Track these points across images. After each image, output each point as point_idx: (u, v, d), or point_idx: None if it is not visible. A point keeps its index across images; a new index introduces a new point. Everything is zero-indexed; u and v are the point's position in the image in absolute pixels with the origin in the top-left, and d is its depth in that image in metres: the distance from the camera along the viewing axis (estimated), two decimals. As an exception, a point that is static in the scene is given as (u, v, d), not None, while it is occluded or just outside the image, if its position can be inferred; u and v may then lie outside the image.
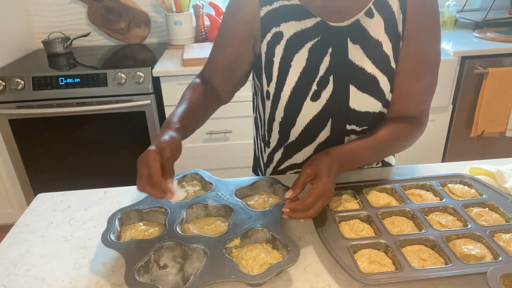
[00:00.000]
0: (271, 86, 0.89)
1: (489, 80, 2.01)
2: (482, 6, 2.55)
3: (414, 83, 0.86)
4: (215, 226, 0.77)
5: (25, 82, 1.89)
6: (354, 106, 0.86)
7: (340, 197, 0.84)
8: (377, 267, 0.66)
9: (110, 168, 2.11)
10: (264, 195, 0.86)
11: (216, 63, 0.95)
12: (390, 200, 0.82)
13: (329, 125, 0.89)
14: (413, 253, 0.68)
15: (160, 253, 0.69)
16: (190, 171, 0.92)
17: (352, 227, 0.75)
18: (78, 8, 2.39)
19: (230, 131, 2.08)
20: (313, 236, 0.77)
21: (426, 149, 2.21)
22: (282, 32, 0.85)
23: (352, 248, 0.69)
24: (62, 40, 2.30)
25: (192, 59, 1.94)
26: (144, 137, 2.04)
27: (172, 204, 0.79)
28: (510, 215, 0.76)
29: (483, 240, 0.70)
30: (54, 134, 2.01)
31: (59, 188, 0.99)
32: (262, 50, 0.88)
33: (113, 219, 0.76)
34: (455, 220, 0.76)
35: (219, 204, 0.81)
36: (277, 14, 0.86)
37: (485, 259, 0.66)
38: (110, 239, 0.71)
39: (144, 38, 2.45)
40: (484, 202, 0.80)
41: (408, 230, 0.74)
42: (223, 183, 0.88)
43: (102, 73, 1.92)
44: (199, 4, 2.31)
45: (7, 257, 0.75)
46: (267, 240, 0.73)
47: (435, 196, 0.84)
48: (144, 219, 0.80)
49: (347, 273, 0.63)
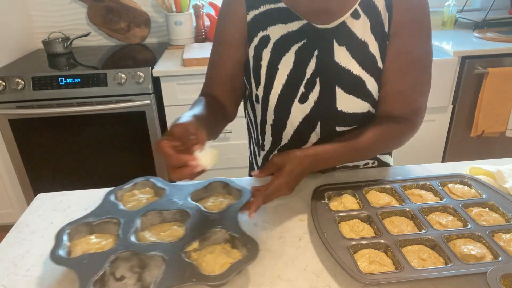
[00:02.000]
0: (260, 90, 0.89)
1: (489, 80, 2.01)
2: (482, 6, 2.55)
3: (402, 81, 0.85)
4: (172, 231, 0.75)
5: (25, 82, 1.89)
6: (341, 108, 0.86)
7: (340, 197, 0.84)
8: (377, 267, 0.65)
9: (110, 168, 2.11)
10: (219, 196, 0.85)
11: (215, 76, 0.95)
12: (390, 200, 0.82)
13: (319, 127, 0.89)
14: (413, 253, 0.68)
15: (116, 265, 0.67)
16: (141, 178, 0.89)
17: (352, 227, 0.75)
18: (78, 8, 2.39)
19: (230, 131, 2.08)
20: (313, 236, 0.77)
21: (426, 149, 2.21)
22: (269, 35, 0.86)
23: (352, 248, 0.69)
24: (62, 40, 2.30)
25: (192, 59, 1.94)
26: (144, 137, 2.04)
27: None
28: (510, 215, 0.76)
29: (483, 240, 0.70)
30: (54, 134, 2.01)
31: (59, 188, 0.99)
32: (250, 54, 0.89)
33: (61, 235, 0.72)
34: (455, 220, 0.76)
35: (174, 209, 0.79)
36: (263, 18, 0.86)
37: (485, 259, 0.66)
38: (59, 256, 0.67)
39: (144, 38, 2.46)
40: (484, 202, 0.80)
41: (408, 230, 0.74)
42: (177, 187, 0.85)
43: (102, 73, 1.92)
44: (199, 4, 2.31)
45: (7, 257, 0.75)
46: (226, 240, 0.72)
47: (435, 196, 0.84)
48: (95, 231, 0.76)
49: (347, 273, 0.63)
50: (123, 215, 0.77)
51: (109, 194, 0.84)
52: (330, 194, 0.84)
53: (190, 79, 1.96)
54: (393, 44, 0.83)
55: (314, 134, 0.90)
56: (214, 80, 0.95)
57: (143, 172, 2.12)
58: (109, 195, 0.83)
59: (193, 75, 1.95)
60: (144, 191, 0.87)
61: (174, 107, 2.01)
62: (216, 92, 0.95)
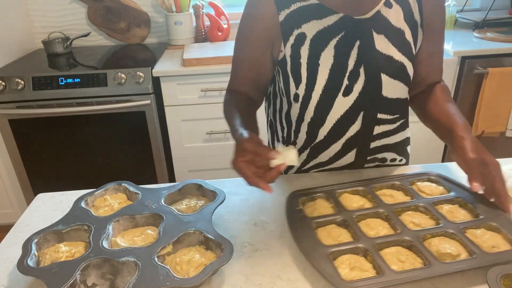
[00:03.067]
0: (301, 88, 0.89)
1: (489, 80, 2.01)
2: (482, 6, 2.54)
3: (434, 46, 0.92)
4: (145, 236, 0.74)
5: (25, 82, 1.89)
6: (386, 94, 0.89)
7: (313, 202, 0.83)
8: (358, 273, 0.65)
9: (110, 168, 2.11)
10: (193, 198, 0.85)
11: (241, 78, 0.97)
12: (363, 202, 0.82)
13: (360, 117, 0.90)
14: (392, 255, 0.68)
15: (87, 272, 0.66)
16: (113, 183, 0.88)
17: (329, 233, 0.74)
18: (78, 8, 2.39)
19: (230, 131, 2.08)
20: (292, 244, 0.75)
21: (426, 149, 2.21)
22: (304, 33, 0.86)
23: (332, 255, 0.68)
24: (62, 40, 2.30)
25: (192, 59, 1.94)
26: (144, 137, 2.04)
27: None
28: (478, 211, 0.77)
29: (456, 237, 0.71)
30: (54, 134, 2.01)
31: (59, 188, 0.99)
32: (287, 53, 0.88)
33: (28, 244, 0.70)
34: (427, 218, 0.77)
35: (147, 213, 0.78)
36: (296, 16, 0.86)
37: (460, 257, 0.67)
38: (28, 266, 0.65)
39: (144, 38, 2.46)
40: (452, 199, 0.81)
41: (384, 232, 0.74)
42: (150, 191, 0.85)
43: (102, 73, 1.92)
44: (199, 4, 2.31)
45: (7, 257, 0.75)
46: (200, 242, 0.72)
47: (406, 195, 0.85)
48: (65, 239, 0.74)
49: (329, 282, 0.63)
50: (94, 222, 0.75)
51: (79, 200, 0.82)
52: (303, 200, 0.84)
53: (190, 79, 1.96)
54: (427, 31, 0.89)
55: (353, 127, 0.91)
56: (242, 79, 0.97)
57: (143, 172, 2.13)
58: (79, 201, 0.82)
59: (193, 75, 1.95)
60: (116, 196, 0.86)
61: (174, 107, 2.01)
62: (243, 89, 0.97)
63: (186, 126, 2.06)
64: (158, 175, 2.15)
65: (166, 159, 2.15)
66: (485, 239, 0.70)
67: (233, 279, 0.68)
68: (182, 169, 2.16)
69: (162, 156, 2.11)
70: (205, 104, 2.01)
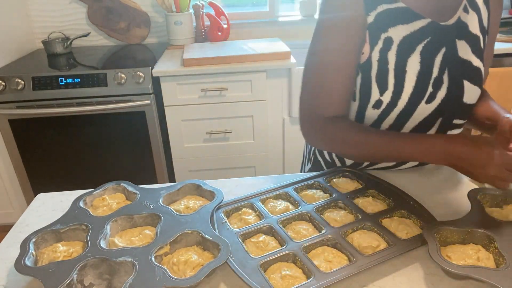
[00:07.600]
0: (386, 95, 0.84)
1: (489, 80, 2.01)
2: (482, 6, 2.54)
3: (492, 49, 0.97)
4: (143, 236, 0.74)
5: (25, 82, 1.89)
6: (466, 100, 0.87)
7: (238, 213, 0.82)
8: (290, 280, 0.64)
9: (110, 168, 2.11)
10: (191, 199, 0.84)
11: (336, 96, 0.86)
12: (287, 206, 0.82)
13: (438, 123, 0.88)
14: (319, 256, 0.69)
15: (84, 272, 0.66)
16: (111, 183, 0.87)
17: (256, 243, 0.73)
18: (78, 8, 2.39)
19: (230, 131, 2.08)
20: None
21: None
22: (391, 37, 0.82)
23: (262, 266, 0.67)
24: (62, 40, 2.30)
25: (192, 59, 1.95)
26: (144, 137, 2.04)
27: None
28: (390, 199, 0.82)
29: (374, 229, 0.74)
30: (54, 134, 2.01)
31: (59, 188, 0.99)
32: (374, 57, 0.83)
33: (26, 243, 0.70)
34: (347, 214, 0.79)
35: (145, 213, 0.78)
36: (383, 19, 0.82)
37: (380, 247, 0.70)
38: (25, 265, 0.65)
39: (144, 38, 2.46)
40: (366, 191, 0.85)
41: (309, 233, 0.74)
42: (148, 191, 0.85)
43: (102, 73, 1.92)
44: (199, 4, 2.31)
45: (7, 257, 0.75)
46: (198, 243, 0.72)
47: (325, 193, 0.86)
48: (63, 239, 0.74)
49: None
50: (92, 221, 0.75)
51: (78, 200, 0.82)
52: (228, 212, 0.82)
53: (190, 79, 1.96)
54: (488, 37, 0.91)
55: (428, 132, 0.88)
56: (337, 97, 0.86)
57: (143, 172, 2.13)
58: (78, 201, 0.82)
59: (193, 75, 1.95)
60: (115, 196, 0.86)
61: (174, 107, 2.01)
62: (342, 110, 0.87)
63: (186, 126, 2.06)
64: (158, 175, 2.15)
65: (166, 159, 2.15)
66: (400, 228, 0.74)
67: (230, 279, 0.68)
68: (182, 169, 2.16)
69: (162, 156, 2.11)
70: (205, 104, 2.01)
